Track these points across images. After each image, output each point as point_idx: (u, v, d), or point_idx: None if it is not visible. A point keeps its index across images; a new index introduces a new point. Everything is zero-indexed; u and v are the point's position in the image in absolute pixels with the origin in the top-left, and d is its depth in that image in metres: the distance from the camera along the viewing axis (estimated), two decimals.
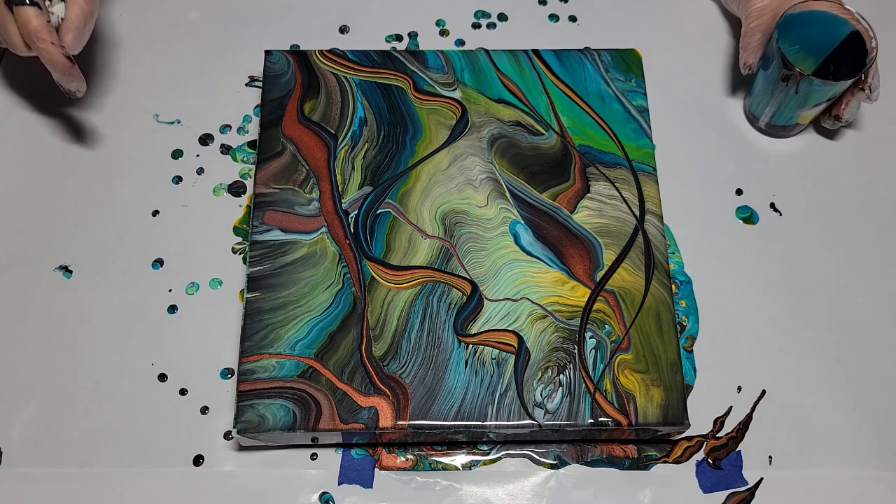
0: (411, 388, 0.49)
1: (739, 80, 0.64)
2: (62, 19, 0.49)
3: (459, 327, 0.51)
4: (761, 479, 0.52)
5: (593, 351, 0.50)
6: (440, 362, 0.50)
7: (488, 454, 0.52)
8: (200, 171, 0.60)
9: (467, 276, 0.52)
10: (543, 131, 0.57)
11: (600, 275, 0.52)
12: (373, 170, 0.55)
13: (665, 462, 0.52)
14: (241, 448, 0.52)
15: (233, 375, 0.54)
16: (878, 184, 0.61)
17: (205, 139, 0.61)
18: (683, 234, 0.58)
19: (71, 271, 0.56)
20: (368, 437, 0.50)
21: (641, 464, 0.52)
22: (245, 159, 0.61)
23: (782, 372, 0.54)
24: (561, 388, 0.49)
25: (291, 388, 0.49)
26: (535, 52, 0.60)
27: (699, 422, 0.53)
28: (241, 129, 0.62)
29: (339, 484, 0.51)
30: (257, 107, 0.62)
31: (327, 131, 0.57)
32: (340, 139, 0.56)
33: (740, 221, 0.59)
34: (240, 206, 0.59)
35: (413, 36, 0.66)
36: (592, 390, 0.49)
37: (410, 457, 0.52)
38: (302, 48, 0.65)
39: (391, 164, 0.55)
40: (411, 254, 0.53)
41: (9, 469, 0.51)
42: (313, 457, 0.52)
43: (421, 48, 0.65)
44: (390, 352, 0.50)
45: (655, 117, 0.60)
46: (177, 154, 0.61)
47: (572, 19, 0.67)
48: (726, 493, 0.51)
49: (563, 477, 0.51)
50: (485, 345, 0.50)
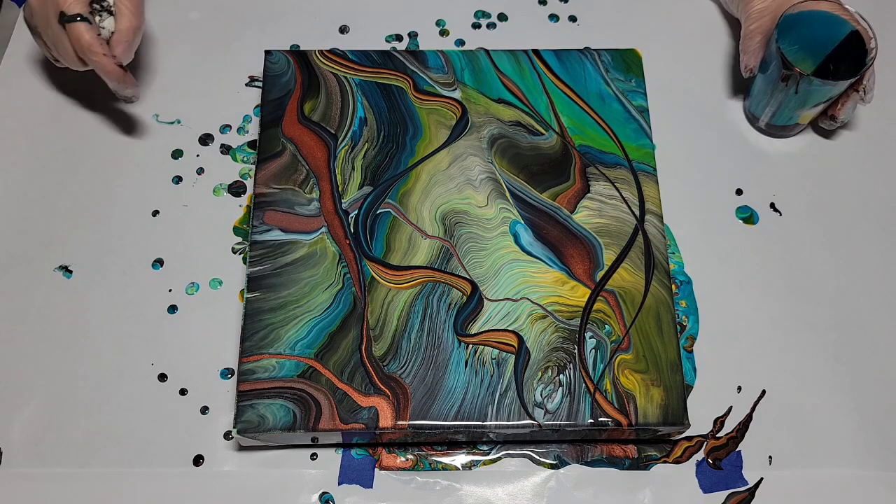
0: (411, 388, 0.49)
1: (739, 80, 0.64)
2: (112, 32, 0.52)
3: (459, 327, 0.51)
4: (761, 479, 0.52)
5: (593, 351, 0.50)
6: (440, 362, 0.50)
7: (488, 454, 0.52)
8: (200, 171, 0.60)
9: (467, 276, 0.52)
10: (543, 131, 0.57)
11: (600, 275, 0.52)
12: (373, 170, 0.55)
13: (665, 462, 0.52)
14: (241, 448, 0.52)
15: (233, 375, 0.54)
16: (877, 184, 0.61)
17: (205, 139, 0.61)
18: (683, 234, 0.58)
19: (71, 271, 0.56)
20: (368, 437, 0.50)
21: (641, 464, 0.52)
22: (245, 159, 0.61)
23: (782, 372, 0.54)
24: (561, 388, 0.49)
25: (291, 388, 0.49)
26: (535, 52, 0.60)
27: (699, 422, 0.53)
28: (241, 129, 0.62)
29: (339, 484, 0.51)
30: (257, 107, 0.62)
31: (327, 131, 0.57)
32: (340, 139, 0.56)
33: (740, 221, 0.59)
34: (240, 206, 0.59)
35: (413, 36, 0.66)
36: (592, 390, 0.49)
37: (410, 457, 0.52)
38: (302, 48, 0.65)
39: (391, 164, 0.55)
40: (411, 254, 0.53)
41: (9, 469, 0.51)
42: (313, 457, 0.52)
43: (421, 48, 0.65)
44: (390, 352, 0.50)
45: (655, 117, 0.60)
46: (177, 154, 0.61)
47: (572, 19, 0.67)
48: (726, 493, 0.51)
49: (563, 477, 0.51)
50: (485, 345, 0.50)
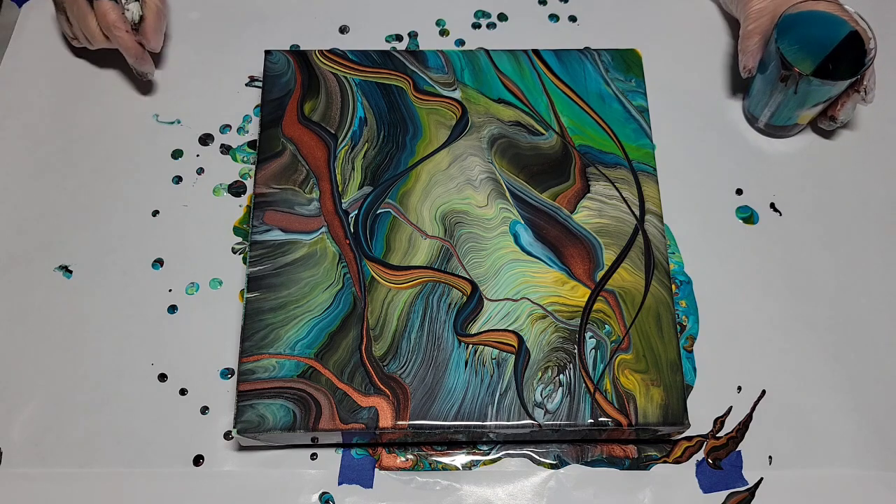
0: (411, 388, 0.49)
1: (739, 81, 0.64)
2: (137, 17, 0.58)
3: (459, 327, 0.51)
4: (761, 479, 0.52)
5: (593, 351, 0.50)
6: (440, 362, 0.50)
7: (488, 454, 0.52)
8: (200, 171, 0.60)
9: (467, 276, 0.52)
10: (543, 131, 0.57)
11: (600, 275, 0.52)
12: (373, 170, 0.55)
13: (665, 462, 0.52)
14: (241, 448, 0.52)
15: (233, 375, 0.54)
16: (877, 184, 0.61)
17: (205, 139, 0.61)
18: (683, 234, 0.58)
19: (71, 271, 0.56)
20: (368, 437, 0.50)
21: (641, 464, 0.52)
22: (245, 159, 0.61)
23: (782, 372, 0.54)
24: (561, 388, 0.49)
25: (291, 388, 0.49)
26: (535, 52, 0.60)
27: (699, 422, 0.53)
28: (241, 129, 0.62)
29: (339, 484, 0.51)
30: (257, 107, 0.62)
31: (327, 131, 0.57)
32: (340, 139, 0.56)
33: (740, 221, 0.59)
34: (240, 206, 0.59)
35: (413, 36, 0.66)
36: (592, 390, 0.49)
37: (410, 457, 0.52)
38: (302, 48, 0.65)
39: (391, 164, 0.55)
40: (411, 254, 0.53)
41: (9, 469, 0.51)
42: (313, 457, 0.52)
43: (421, 48, 0.65)
44: (390, 352, 0.50)
45: (655, 117, 0.60)
46: (177, 154, 0.61)
47: (572, 19, 0.67)
48: (726, 493, 0.51)
49: (563, 477, 0.51)
50: (485, 345, 0.50)
